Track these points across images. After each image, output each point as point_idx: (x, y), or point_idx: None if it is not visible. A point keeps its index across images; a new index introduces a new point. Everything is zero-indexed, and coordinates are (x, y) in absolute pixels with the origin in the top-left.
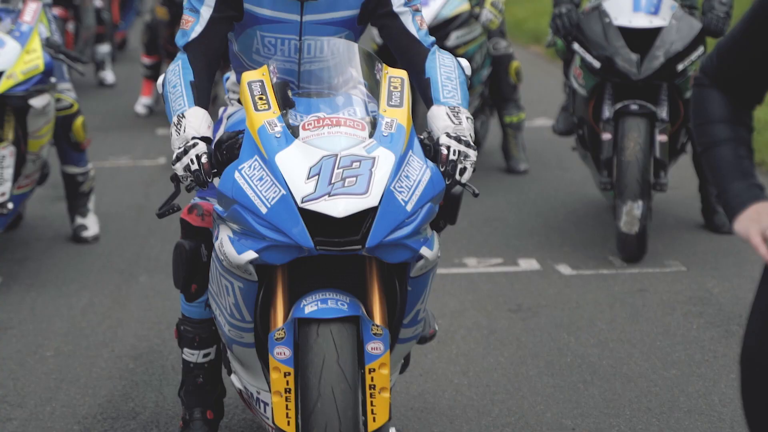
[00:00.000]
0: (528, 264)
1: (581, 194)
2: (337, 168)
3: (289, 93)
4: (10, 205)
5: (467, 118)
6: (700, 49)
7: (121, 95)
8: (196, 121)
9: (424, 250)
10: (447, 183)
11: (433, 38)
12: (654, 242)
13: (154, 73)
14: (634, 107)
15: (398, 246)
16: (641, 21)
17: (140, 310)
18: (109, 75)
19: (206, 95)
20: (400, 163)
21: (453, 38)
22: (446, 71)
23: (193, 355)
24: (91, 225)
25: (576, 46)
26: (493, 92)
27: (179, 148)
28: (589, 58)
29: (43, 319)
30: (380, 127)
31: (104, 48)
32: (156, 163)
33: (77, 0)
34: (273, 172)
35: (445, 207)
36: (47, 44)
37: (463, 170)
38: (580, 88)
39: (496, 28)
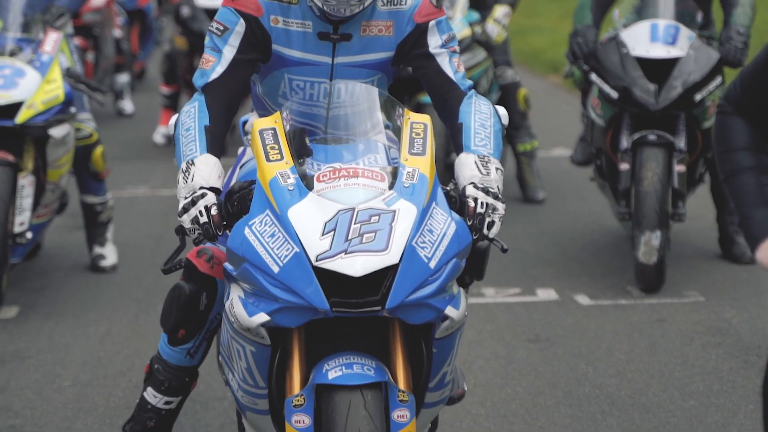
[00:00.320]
0: (546, 294)
1: (599, 224)
2: (355, 223)
3: (306, 141)
4: (29, 235)
5: (497, 169)
6: (718, 80)
7: (139, 125)
8: (206, 170)
9: (450, 310)
10: (474, 237)
11: (470, 82)
12: (672, 272)
13: (172, 102)
14: (652, 137)
15: (421, 306)
16: (659, 51)
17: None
18: (128, 105)
19: (220, 143)
20: (423, 216)
21: None
22: (481, 118)
23: (155, 398)
24: (110, 254)
25: (593, 76)
26: None
27: (186, 198)
28: (606, 88)
29: (61, 348)
30: (401, 177)
31: (123, 78)
32: (174, 192)
33: (97, 30)
34: (285, 228)
35: (471, 261)
36: (67, 74)
37: (491, 224)
38: (598, 119)
39: (501, 41)
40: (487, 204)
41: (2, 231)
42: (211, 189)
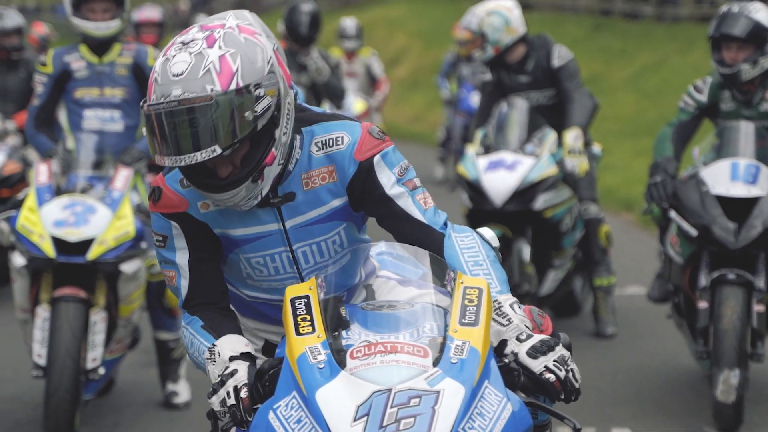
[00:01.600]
0: None
1: (675, 363)
2: (391, 407)
3: (342, 311)
4: (102, 371)
5: (512, 305)
6: None
7: None
8: (230, 344)
9: None
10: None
11: (444, 216)
12: (750, 413)
13: None
14: (731, 276)
15: None
16: (739, 190)
17: None
18: None
19: (228, 323)
20: (472, 397)
21: (540, 201)
22: (471, 255)
23: None
24: (183, 391)
25: (673, 213)
26: (584, 255)
27: (217, 377)
28: (686, 226)
29: None
30: (448, 352)
31: None
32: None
33: None
34: (313, 412)
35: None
36: (138, 210)
37: (573, 383)
38: (677, 256)
39: (586, 170)
40: (560, 363)
41: (75, 367)
42: (243, 356)
